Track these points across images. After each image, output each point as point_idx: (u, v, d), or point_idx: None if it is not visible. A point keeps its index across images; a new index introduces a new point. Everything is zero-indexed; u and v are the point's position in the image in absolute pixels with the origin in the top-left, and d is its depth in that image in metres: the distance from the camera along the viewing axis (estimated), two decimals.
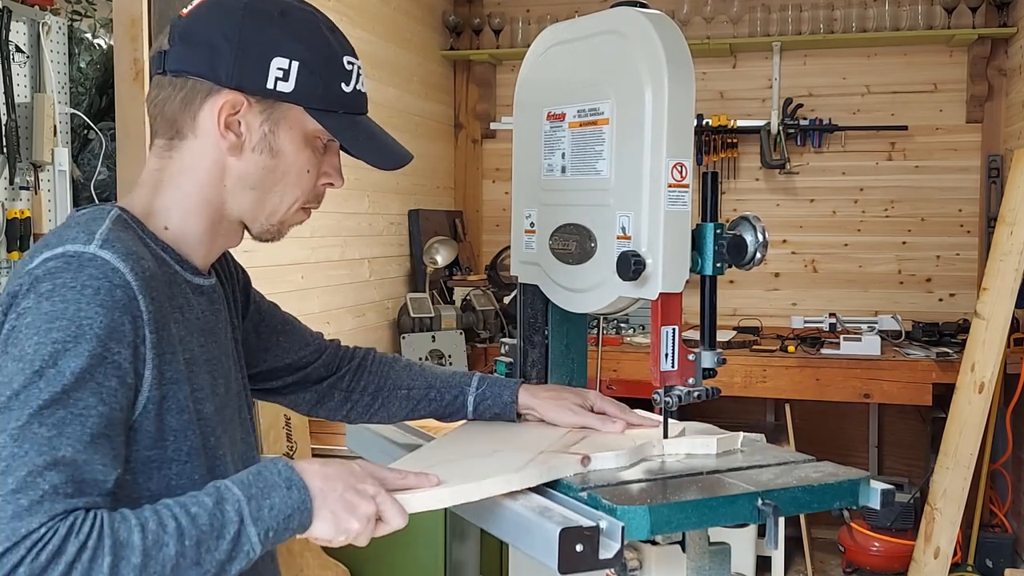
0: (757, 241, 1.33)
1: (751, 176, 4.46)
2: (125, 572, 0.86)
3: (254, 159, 1.08)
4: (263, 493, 0.96)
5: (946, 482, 3.20)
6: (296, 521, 0.98)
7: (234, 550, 0.93)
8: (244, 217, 1.12)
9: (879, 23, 4.21)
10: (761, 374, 3.71)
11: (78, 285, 0.93)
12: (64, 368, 0.90)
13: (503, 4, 4.69)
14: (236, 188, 1.10)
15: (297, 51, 1.07)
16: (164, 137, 1.09)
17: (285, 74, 1.06)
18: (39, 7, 2.38)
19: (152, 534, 0.88)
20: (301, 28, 1.08)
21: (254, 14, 1.06)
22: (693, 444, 1.34)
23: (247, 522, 0.94)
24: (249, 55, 1.05)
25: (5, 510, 0.84)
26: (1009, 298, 3.17)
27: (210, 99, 1.06)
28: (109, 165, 2.70)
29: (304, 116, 1.09)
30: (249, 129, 1.07)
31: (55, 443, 0.88)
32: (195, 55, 1.06)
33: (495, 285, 4.05)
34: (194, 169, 1.08)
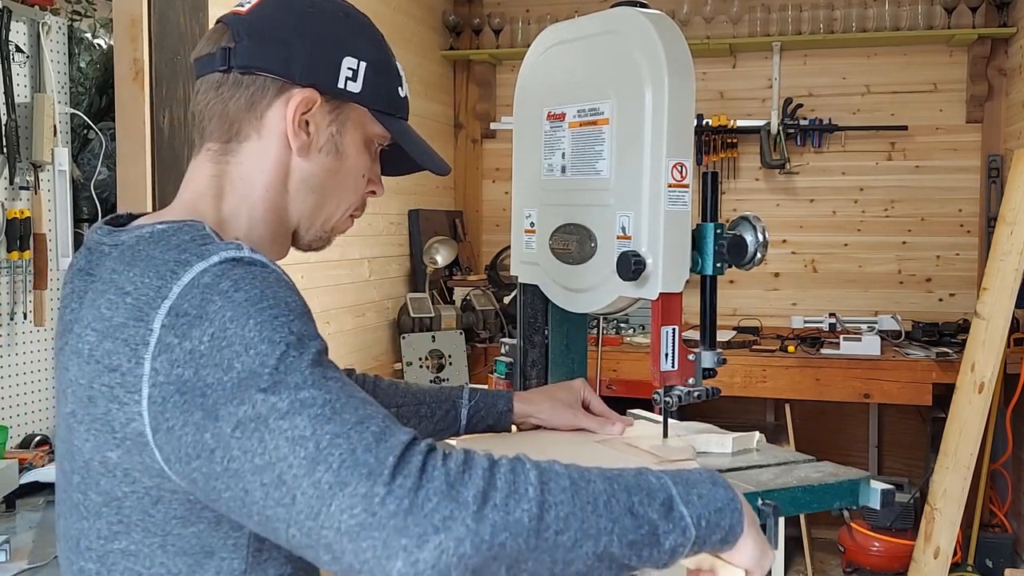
0: (757, 241, 1.33)
1: (751, 176, 4.46)
2: (555, 491, 0.77)
3: (320, 160, 1.04)
4: (688, 483, 0.87)
5: (946, 482, 3.20)
6: (727, 520, 0.87)
7: (667, 519, 0.82)
8: (302, 222, 1.06)
9: (879, 23, 4.21)
10: (761, 374, 3.71)
11: (256, 278, 0.85)
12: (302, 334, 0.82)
13: (503, 4, 4.69)
14: (299, 191, 1.04)
15: (366, 51, 1.05)
16: (219, 141, 1.02)
17: (354, 74, 1.03)
18: (39, 7, 2.38)
19: (575, 469, 0.81)
20: (364, 29, 1.07)
21: (323, 12, 1.04)
22: (709, 442, 1.34)
23: (676, 500, 0.84)
24: (322, 52, 1.01)
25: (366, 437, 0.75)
26: (1009, 298, 3.17)
27: (281, 97, 1.00)
28: (109, 165, 2.70)
29: (367, 118, 1.06)
30: (318, 129, 1.03)
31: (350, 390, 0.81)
32: (267, 51, 1.00)
33: (495, 285, 4.05)
34: (258, 173, 1.02)
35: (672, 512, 0.82)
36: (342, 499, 0.72)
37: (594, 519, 0.77)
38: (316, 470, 0.74)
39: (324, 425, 0.75)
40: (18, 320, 2.33)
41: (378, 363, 3.76)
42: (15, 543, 1.77)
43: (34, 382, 2.40)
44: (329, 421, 0.75)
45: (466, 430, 1.41)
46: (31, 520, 1.93)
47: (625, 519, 0.79)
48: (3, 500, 1.97)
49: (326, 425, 0.75)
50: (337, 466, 0.73)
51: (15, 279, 2.32)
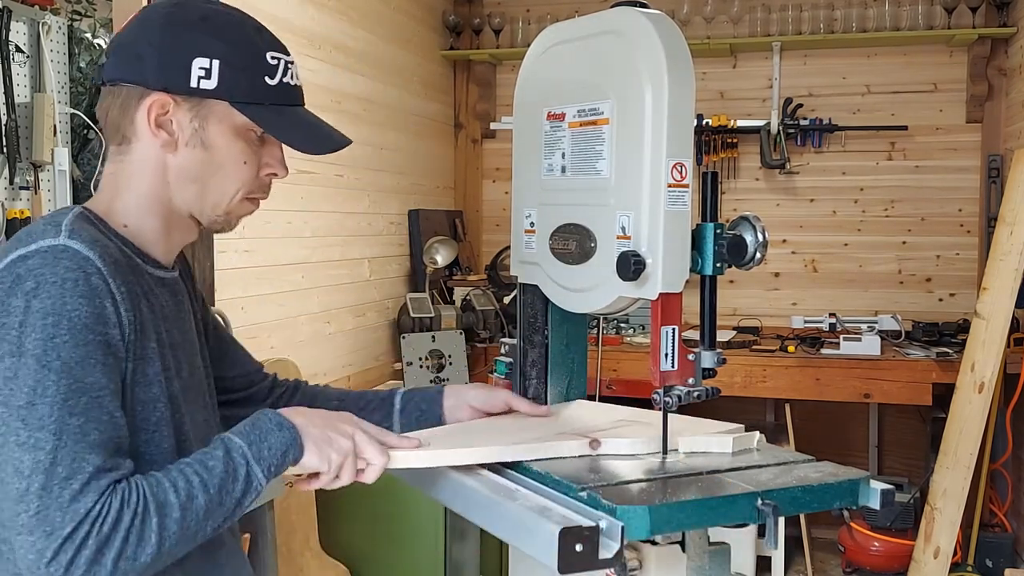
0: (757, 241, 1.33)
1: (751, 176, 4.46)
2: (169, 526, 1.00)
3: (188, 153, 1.16)
4: (261, 437, 1.11)
5: (946, 482, 3.20)
6: (291, 455, 1.13)
7: (246, 487, 1.08)
8: (191, 210, 1.20)
9: (879, 23, 4.21)
10: (761, 374, 3.71)
11: (59, 279, 1.01)
12: (69, 359, 0.99)
13: (503, 4, 4.69)
14: (178, 183, 1.17)
15: (217, 50, 1.14)
16: (114, 143, 1.18)
17: (207, 72, 1.13)
18: (39, 7, 2.38)
19: (183, 490, 1.03)
20: (222, 29, 1.16)
21: (175, 21, 1.15)
22: (709, 442, 1.34)
23: (252, 463, 1.09)
24: (172, 57, 1.13)
25: (63, 496, 0.96)
26: (1009, 298, 3.17)
27: (142, 102, 1.14)
28: None
29: (231, 110, 1.16)
30: (180, 126, 1.15)
31: (86, 428, 0.99)
32: (125, 64, 1.15)
33: (495, 285, 4.05)
34: (141, 169, 1.17)
35: (249, 478, 1.08)
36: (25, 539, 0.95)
37: (195, 529, 1.03)
38: (20, 504, 0.96)
39: (37, 475, 0.96)
40: None
41: (378, 363, 3.76)
42: None
43: None
44: (43, 472, 0.96)
45: (400, 415, 1.49)
46: None
47: (217, 512, 1.05)
48: None
49: (38, 475, 0.96)
50: (33, 512, 0.95)
51: None
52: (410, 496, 1.12)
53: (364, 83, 3.68)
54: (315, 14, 3.31)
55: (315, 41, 3.31)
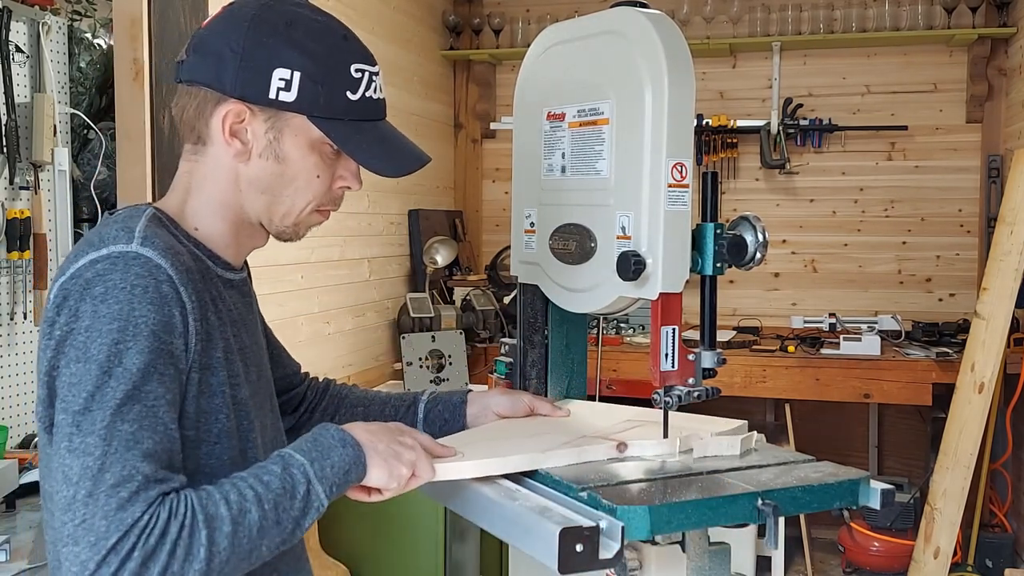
0: (757, 241, 1.33)
1: (751, 176, 4.46)
2: (220, 540, 0.96)
3: (262, 165, 1.13)
4: (323, 455, 1.07)
5: (946, 482, 3.20)
6: (354, 474, 1.09)
7: (306, 507, 1.04)
8: (260, 219, 1.18)
9: (879, 23, 4.21)
10: (761, 374, 3.71)
11: (127, 285, 0.99)
12: (130, 366, 0.97)
13: (503, 4, 4.69)
14: (249, 192, 1.15)
15: (299, 62, 1.10)
16: (190, 142, 1.16)
17: (287, 84, 1.10)
18: (39, 7, 2.38)
19: (236, 504, 0.98)
20: (306, 38, 1.11)
21: (260, 25, 1.10)
22: (720, 445, 1.34)
23: (314, 481, 1.04)
24: (252, 66, 1.09)
25: (110, 504, 0.92)
26: (1009, 298, 3.17)
27: (218, 108, 1.11)
28: (109, 165, 2.70)
29: (308, 124, 1.12)
30: (255, 137, 1.12)
31: (139, 436, 0.96)
32: (204, 66, 1.11)
33: (495, 285, 4.05)
34: (214, 173, 1.15)
35: (310, 497, 1.04)
36: (70, 550, 0.92)
37: (248, 546, 0.99)
38: (67, 513, 0.93)
39: (84, 481, 0.93)
40: (18, 320, 2.33)
41: (378, 363, 3.76)
42: (15, 543, 1.78)
43: (34, 382, 2.40)
44: (91, 479, 0.93)
45: (424, 425, 1.46)
46: (31, 520, 1.93)
47: (273, 531, 1.01)
48: (3, 500, 1.97)
49: (86, 482, 0.93)
50: (79, 521, 0.92)
51: (15, 279, 2.32)
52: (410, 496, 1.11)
53: None
54: None
55: None
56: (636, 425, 1.43)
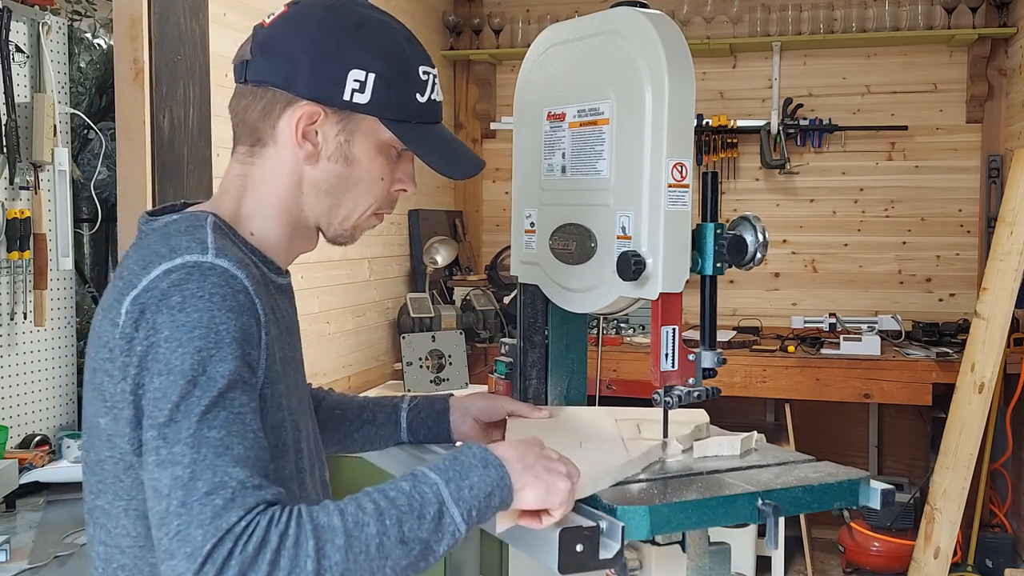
0: (757, 241, 1.33)
1: (751, 176, 4.46)
2: (331, 552, 0.89)
3: (329, 167, 1.11)
4: (461, 475, 0.99)
5: (946, 482, 3.20)
6: (497, 498, 1.00)
7: (437, 530, 0.95)
8: (319, 222, 1.15)
9: (879, 23, 4.21)
10: (761, 374, 3.71)
11: (205, 294, 0.96)
12: (214, 374, 0.94)
13: (503, 4, 4.69)
14: (312, 194, 1.12)
15: (373, 63, 1.09)
16: (246, 144, 1.13)
17: (361, 86, 1.08)
18: (39, 7, 2.38)
19: (351, 516, 0.91)
20: (378, 40, 1.10)
21: (332, 26, 1.09)
22: (720, 445, 1.34)
23: (448, 503, 0.96)
24: (326, 67, 1.07)
25: (204, 512, 0.87)
26: (1009, 298, 3.17)
27: (288, 109, 1.09)
28: (109, 165, 2.70)
29: (378, 126, 1.11)
30: (325, 139, 1.10)
31: (228, 442, 0.92)
32: (274, 66, 1.09)
33: (495, 285, 4.05)
34: (274, 176, 1.12)
35: (443, 520, 0.96)
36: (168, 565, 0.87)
37: (367, 565, 0.91)
38: (161, 528, 0.89)
39: (176, 491, 0.89)
40: (18, 320, 2.33)
41: (378, 363, 3.76)
42: (15, 543, 1.78)
43: (34, 382, 2.40)
44: (183, 488, 0.89)
45: (407, 432, 1.44)
46: (31, 520, 1.93)
47: (397, 551, 0.93)
48: (3, 500, 1.97)
49: (177, 492, 0.89)
50: (173, 534, 0.88)
51: (15, 279, 2.32)
52: None
53: None
54: None
55: None
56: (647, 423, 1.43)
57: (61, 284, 2.48)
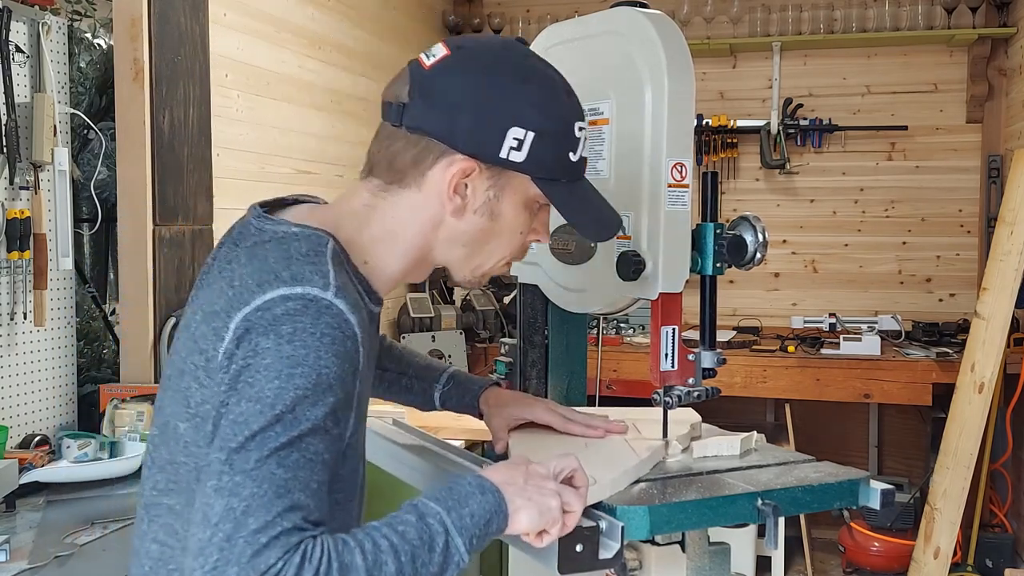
0: (757, 241, 1.33)
1: (751, 176, 4.46)
2: None
3: (474, 220, 1.09)
4: (460, 503, 0.98)
5: (946, 482, 3.20)
6: (495, 525, 0.99)
7: (445, 561, 0.95)
8: (450, 265, 1.13)
9: (879, 23, 4.21)
10: (761, 374, 3.71)
11: (317, 332, 0.93)
12: (301, 415, 0.91)
13: (503, 4, 4.69)
14: (448, 243, 1.10)
15: (534, 121, 1.06)
16: (382, 179, 1.09)
17: (519, 144, 1.05)
18: (39, 7, 2.38)
19: (371, 554, 0.91)
20: (541, 95, 1.07)
21: (498, 79, 1.06)
22: (720, 445, 1.34)
23: (452, 533, 0.96)
24: (488, 123, 1.04)
25: (246, 551, 0.86)
26: (1009, 298, 3.17)
27: (443, 160, 1.06)
28: (109, 165, 2.70)
29: (529, 183, 1.08)
30: (474, 193, 1.07)
31: (290, 485, 0.89)
32: (436, 116, 1.05)
33: (495, 285, 4.05)
34: (410, 218, 1.08)
35: (449, 550, 0.95)
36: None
37: None
38: (199, 558, 0.86)
39: (225, 524, 0.87)
40: (18, 320, 2.33)
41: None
42: (15, 543, 1.77)
43: (34, 382, 2.40)
44: (232, 521, 0.87)
45: (442, 407, 1.45)
46: (31, 520, 1.93)
47: None
48: (3, 500, 1.96)
49: (226, 524, 0.87)
50: (209, 568, 0.86)
51: (15, 279, 2.32)
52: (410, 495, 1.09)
53: (364, 83, 3.68)
54: (315, 14, 3.31)
55: (315, 41, 3.31)
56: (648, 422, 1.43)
57: (61, 284, 2.47)
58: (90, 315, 2.82)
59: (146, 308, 2.50)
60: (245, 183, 2.93)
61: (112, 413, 2.35)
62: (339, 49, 3.48)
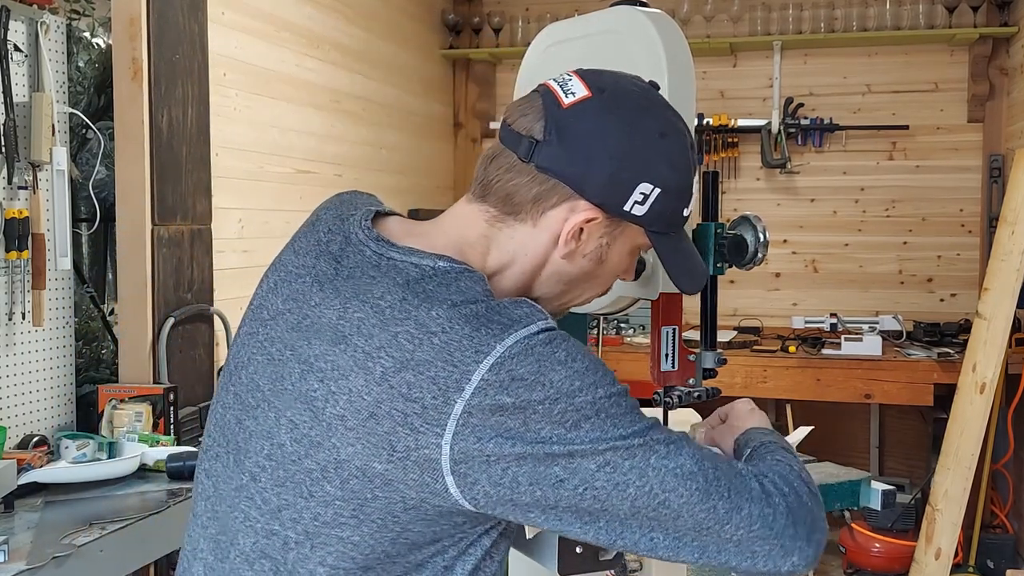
0: (758, 241, 1.32)
1: (752, 176, 4.45)
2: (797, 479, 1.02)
3: (581, 264, 1.07)
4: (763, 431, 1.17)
5: (947, 483, 3.19)
6: None
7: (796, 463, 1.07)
8: (542, 297, 1.10)
9: (880, 22, 4.20)
10: (762, 374, 3.70)
11: (573, 348, 0.94)
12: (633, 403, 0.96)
13: (503, 3, 4.69)
14: (550, 280, 1.08)
15: (664, 178, 1.03)
16: (496, 208, 1.06)
17: (644, 199, 1.03)
18: (37, 6, 2.37)
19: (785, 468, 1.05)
20: (675, 153, 1.05)
21: (639, 133, 1.03)
22: None
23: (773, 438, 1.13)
24: (621, 177, 1.02)
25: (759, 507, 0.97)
26: (1010, 298, 3.16)
27: (566, 204, 1.03)
28: (107, 164, 2.69)
29: (640, 234, 1.07)
30: (588, 238, 1.05)
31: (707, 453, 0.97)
32: (569, 160, 1.02)
33: None
34: (520, 253, 1.06)
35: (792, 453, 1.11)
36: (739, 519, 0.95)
37: None
38: (710, 498, 0.94)
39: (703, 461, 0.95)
40: (16, 320, 2.33)
41: None
42: (13, 543, 1.77)
43: (32, 382, 2.40)
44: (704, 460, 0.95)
45: None
46: (29, 520, 1.92)
47: None
48: (1, 501, 1.96)
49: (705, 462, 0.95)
50: (727, 494, 0.94)
51: (13, 279, 2.31)
52: None
53: (363, 82, 3.67)
54: (313, 13, 3.30)
55: (314, 40, 3.31)
56: None
57: (59, 284, 2.47)
58: (88, 315, 2.82)
59: (145, 308, 2.49)
60: (244, 182, 2.92)
61: (111, 413, 2.34)
62: (338, 48, 3.48)
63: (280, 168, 3.12)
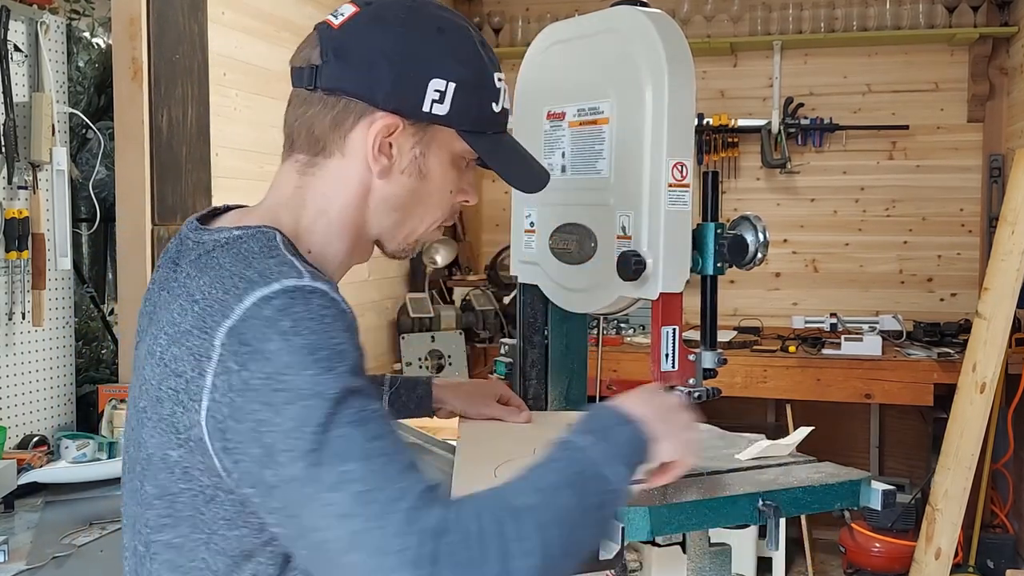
0: (758, 241, 1.32)
1: (752, 175, 4.45)
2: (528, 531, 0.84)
3: (402, 181, 1.05)
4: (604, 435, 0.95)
5: (947, 482, 3.19)
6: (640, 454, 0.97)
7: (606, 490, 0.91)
8: (382, 237, 1.09)
9: (880, 22, 4.20)
10: (762, 374, 3.70)
11: (316, 316, 0.88)
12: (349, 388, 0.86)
13: (503, 3, 4.69)
14: (379, 209, 1.06)
15: (454, 71, 1.02)
16: (306, 153, 1.04)
17: (441, 96, 1.02)
18: (37, 6, 2.37)
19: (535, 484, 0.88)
20: (459, 46, 1.04)
21: (413, 31, 1.02)
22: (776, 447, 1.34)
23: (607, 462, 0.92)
24: (408, 76, 1.01)
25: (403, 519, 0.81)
26: (1010, 298, 3.16)
27: (363, 120, 1.01)
28: (107, 164, 2.69)
29: (454, 138, 1.05)
30: (400, 152, 1.03)
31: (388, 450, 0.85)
32: (352, 74, 1.01)
33: (495, 285, 4.05)
34: (338, 189, 1.04)
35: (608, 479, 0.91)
36: None
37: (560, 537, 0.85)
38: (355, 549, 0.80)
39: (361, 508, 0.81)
40: (16, 320, 2.33)
41: (378, 363, 3.75)
42: (13, 543, 1.77)
43: (32, 383, 2.40)
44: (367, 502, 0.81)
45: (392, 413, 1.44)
46: (29, 521, 1.93)
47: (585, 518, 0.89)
48: (1, 501, 1.96)
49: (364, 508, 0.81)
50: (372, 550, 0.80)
51: (13, 279, 2.31)
52: None
53: None
54: (314, 13, 3.30)
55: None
56: None
57: (59, 284, 2.47)
58: (88, 315, 2.82)
59: None
60: (244, 182, 2.92)
61: (111, 413, 2.34)
62: None
63: None
